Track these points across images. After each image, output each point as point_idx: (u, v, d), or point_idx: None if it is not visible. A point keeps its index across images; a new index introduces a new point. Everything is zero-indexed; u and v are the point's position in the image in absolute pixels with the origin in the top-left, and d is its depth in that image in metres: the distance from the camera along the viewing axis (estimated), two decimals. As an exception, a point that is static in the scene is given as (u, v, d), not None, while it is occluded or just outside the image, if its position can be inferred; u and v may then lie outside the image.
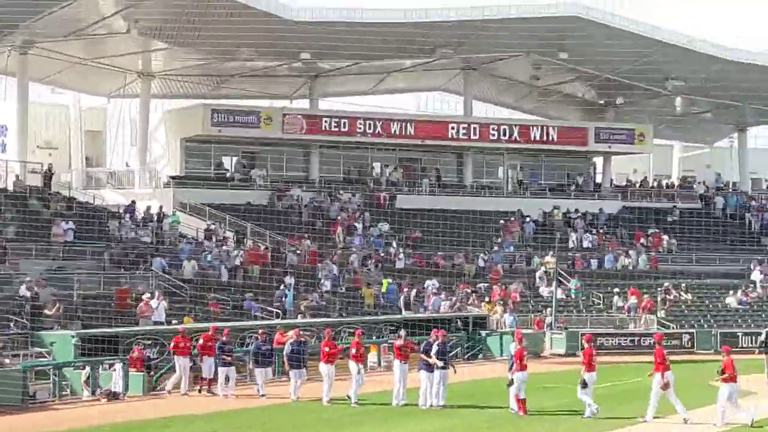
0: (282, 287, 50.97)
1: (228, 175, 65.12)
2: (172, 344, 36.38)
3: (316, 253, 56.20)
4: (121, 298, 46.10)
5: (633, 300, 56.95)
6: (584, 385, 30.23)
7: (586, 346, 31.20)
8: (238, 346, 37.57)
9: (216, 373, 35.58)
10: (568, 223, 66.77)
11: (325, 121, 65.12)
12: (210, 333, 36.23)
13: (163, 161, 66.36)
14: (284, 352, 34.84)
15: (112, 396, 34.72)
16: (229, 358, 35.48)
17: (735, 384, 29.14)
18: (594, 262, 62.61)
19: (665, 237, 66.40)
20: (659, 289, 58.78)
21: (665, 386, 29.33)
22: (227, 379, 35.46)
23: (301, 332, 36.45)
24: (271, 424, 30.16)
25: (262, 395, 34.63)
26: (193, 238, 56.15)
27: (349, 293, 54.02)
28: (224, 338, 36.16)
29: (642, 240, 65.88)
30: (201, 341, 36.04)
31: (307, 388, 34.29)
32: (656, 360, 29.73)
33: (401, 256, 58.41)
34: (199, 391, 35.74)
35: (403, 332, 34.99)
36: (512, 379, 30.82)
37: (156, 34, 57.34)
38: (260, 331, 36.93)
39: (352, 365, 33.50)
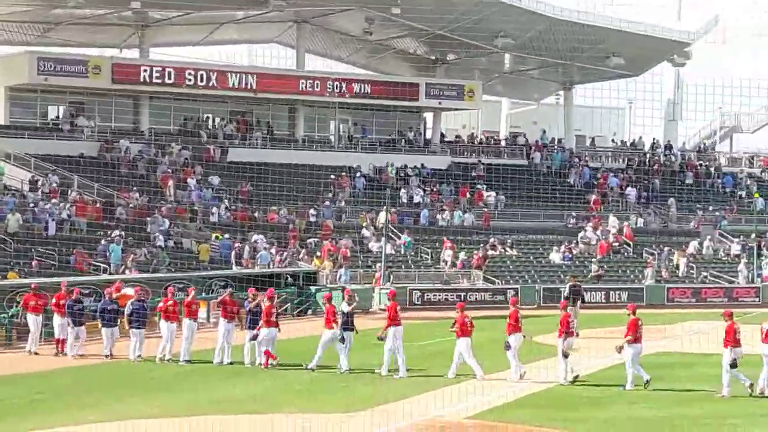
0: (104, 242, 50.20)
1: (55, 125, 63.67)
2: (21, 302, 35.37)
3: (146, 207, 55.57)
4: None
5: (462, 255, 57.92)
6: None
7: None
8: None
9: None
10: (402, 178, 67.25)
11: (156, 71, 63.92)
12: (63, 291, 35.07)
13: (-13, 110, 64.47)
14: (125, 312, 34.22)
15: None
16: (80, 318, 34.47)
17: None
18: (421, 218, 63.14)
19: (491, 193, 67.35)
20: (483, 245, 59.96)
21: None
22: (77, 338, 34.47)
23: (141, 290, 36.06)
24: (97, 382, 29.87)
25: (107, 355, 33.93)
26: (17, 190, 54.88)
27: (178, 248, 53.61)
28: (74, 297, 35.01)
29: (468, 195, 66.85)
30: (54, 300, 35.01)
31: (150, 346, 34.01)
32: (389, 316, 30.88)
33: (215, 211, 57.96)
34: (56, 353, 34.66)
35: (229, 290, 34.98)
36: (256, 334, 31.86)
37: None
38: (107, 289, 35.99)
39: (185, 322, 33.45)
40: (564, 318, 29.84)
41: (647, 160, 77.43)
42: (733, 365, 27.49)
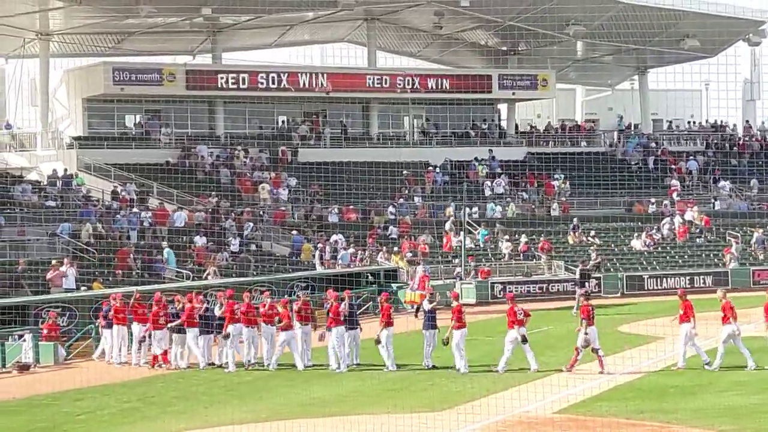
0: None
1: (135, 133, 64.35)
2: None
3: (226, 212, 56.01)
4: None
5: (524, 238, 57.54)
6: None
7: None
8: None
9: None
10: (488, 174, 66.87)
11: (228, 76, 64.41)
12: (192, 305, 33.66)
13: (66, 122, 65.35)
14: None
15: (23, 368, 34.41)
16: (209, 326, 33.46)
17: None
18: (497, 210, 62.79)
19: (557, 181, 66.69)
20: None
21: None
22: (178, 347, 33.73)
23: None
24: (186, 390, 30.09)
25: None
26: (98, 200, 55.56)
27: (259, 251, 53.89)
28: (199, 305, 33.64)
29: (535, 184, 66.45)
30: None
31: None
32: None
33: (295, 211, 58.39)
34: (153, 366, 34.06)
35: (301, 293, 34.87)
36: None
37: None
38: (218, 294, 35.47)
39: (265, 328, 33.49)
40: (584, 308, 30.20)
41: (727, 141, 76.30)
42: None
